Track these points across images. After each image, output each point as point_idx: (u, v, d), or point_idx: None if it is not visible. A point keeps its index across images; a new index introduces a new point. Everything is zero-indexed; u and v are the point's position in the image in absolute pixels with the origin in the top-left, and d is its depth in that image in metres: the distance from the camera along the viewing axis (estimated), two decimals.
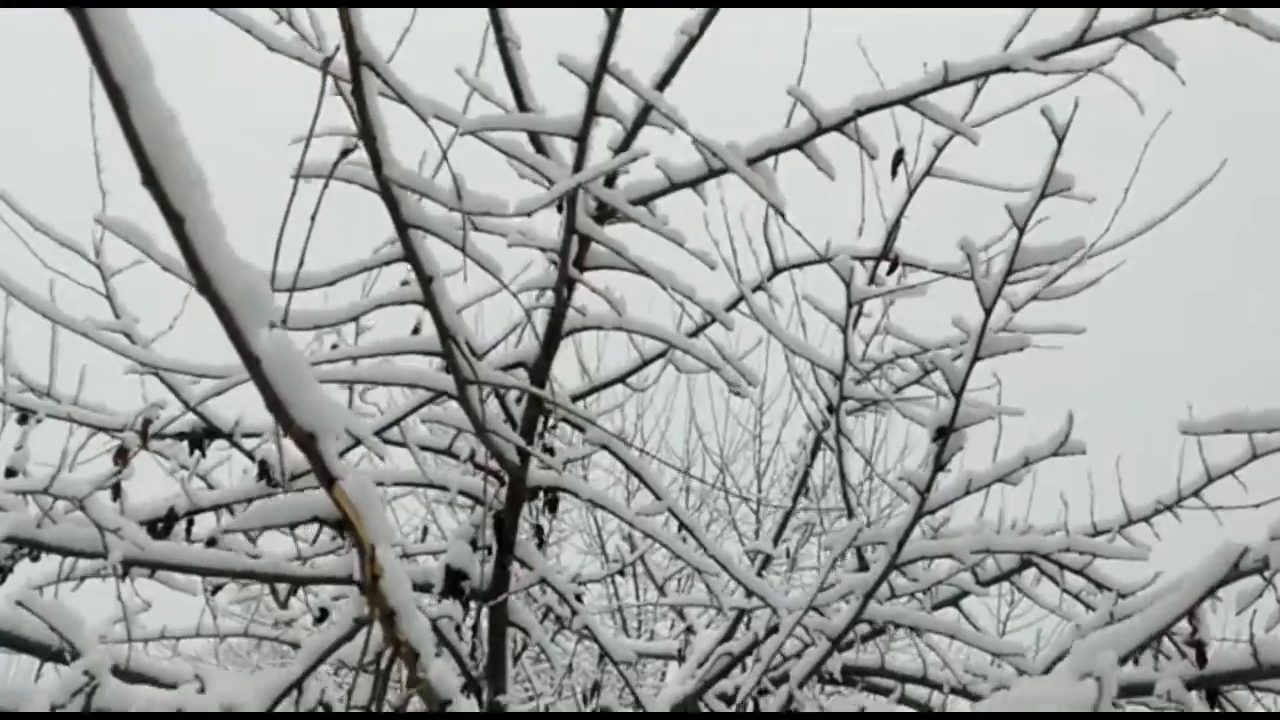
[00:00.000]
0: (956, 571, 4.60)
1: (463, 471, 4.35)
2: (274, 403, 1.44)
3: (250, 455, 4.41)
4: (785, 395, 10.23)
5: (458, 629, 4.79)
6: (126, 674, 3.63)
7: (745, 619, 5.04)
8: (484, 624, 4.39)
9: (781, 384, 9.86)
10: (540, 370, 3.73)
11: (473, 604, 4.17)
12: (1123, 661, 1.87)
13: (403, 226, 2.76)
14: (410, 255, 2.84)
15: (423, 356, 3.78)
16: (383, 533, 1.74)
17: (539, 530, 5.04)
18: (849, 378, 4.09)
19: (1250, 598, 3.09)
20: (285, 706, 2.12)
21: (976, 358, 3.11)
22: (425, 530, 5.77)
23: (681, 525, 4.04)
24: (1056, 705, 1.63)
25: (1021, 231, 2.97)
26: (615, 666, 4.17)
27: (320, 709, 2.35)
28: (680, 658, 5.70)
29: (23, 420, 4.26)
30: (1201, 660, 3.34)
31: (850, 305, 3.74)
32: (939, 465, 3.26)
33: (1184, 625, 3.44)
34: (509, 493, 3.94)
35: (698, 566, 4.09)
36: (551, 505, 4.99)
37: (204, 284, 1.30)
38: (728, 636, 4.86)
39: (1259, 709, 3.29)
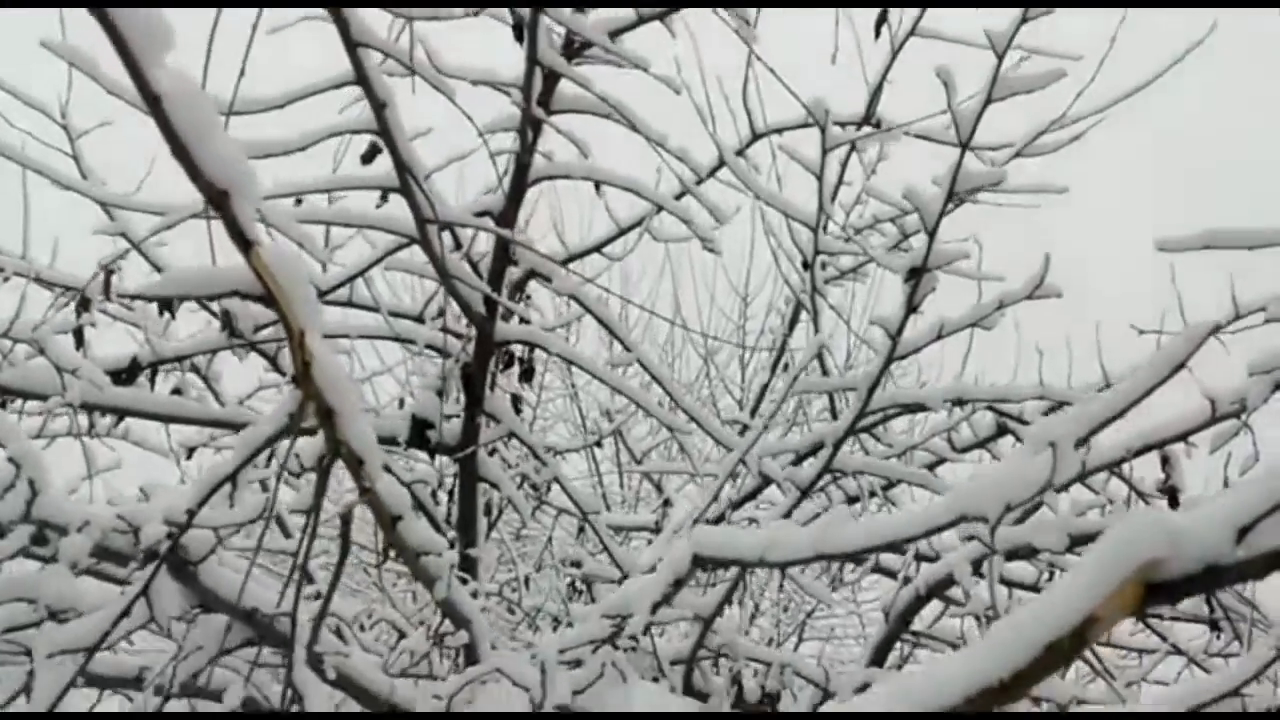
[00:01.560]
0: (931, 435, 4.57)
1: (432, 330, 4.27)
2: (179, 149, 1.36)
3: (218, 315, 4.34)
4: (770, 284, 10.12)
5: (433, 494, 4.76)
6: None
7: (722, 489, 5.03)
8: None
9: (767, 274, 9.75)
10: (507, 219, 3.64)
11: (441, 458, 4.13)
12: (1080, 444, 1.81)
13: (352, 45, 2.64)
14: (361, 78, 2.73)
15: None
16: (312, 316, 1.66)
17: (515, 400, 4.98)
18: (826, 235, 4.00)
19: (1225, 437, 3.05)
20: (219, 503, 2.08)
21: (952, 193, 3.03)
22: (402, 402, 5.71)
23: (652, 378, 3.98)
24: (1010, 481, 1.58)
25: (1001, 58, 2.87)
26: (587, 521, 4.14)
27: (265, 512, 2.29)
28: (658, 529, 5.70)
29: None
30: (1174, 506, 3.31)
31: (825, 151, 3.64)
32: (911, 308, 3.19)
33: (1157, 473, 3.41)
34: (477, 346, 3.87)
35: (668, 424, 4.05)
36: (526, 375, 4.93)
37: None
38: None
39: None
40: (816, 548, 1.93)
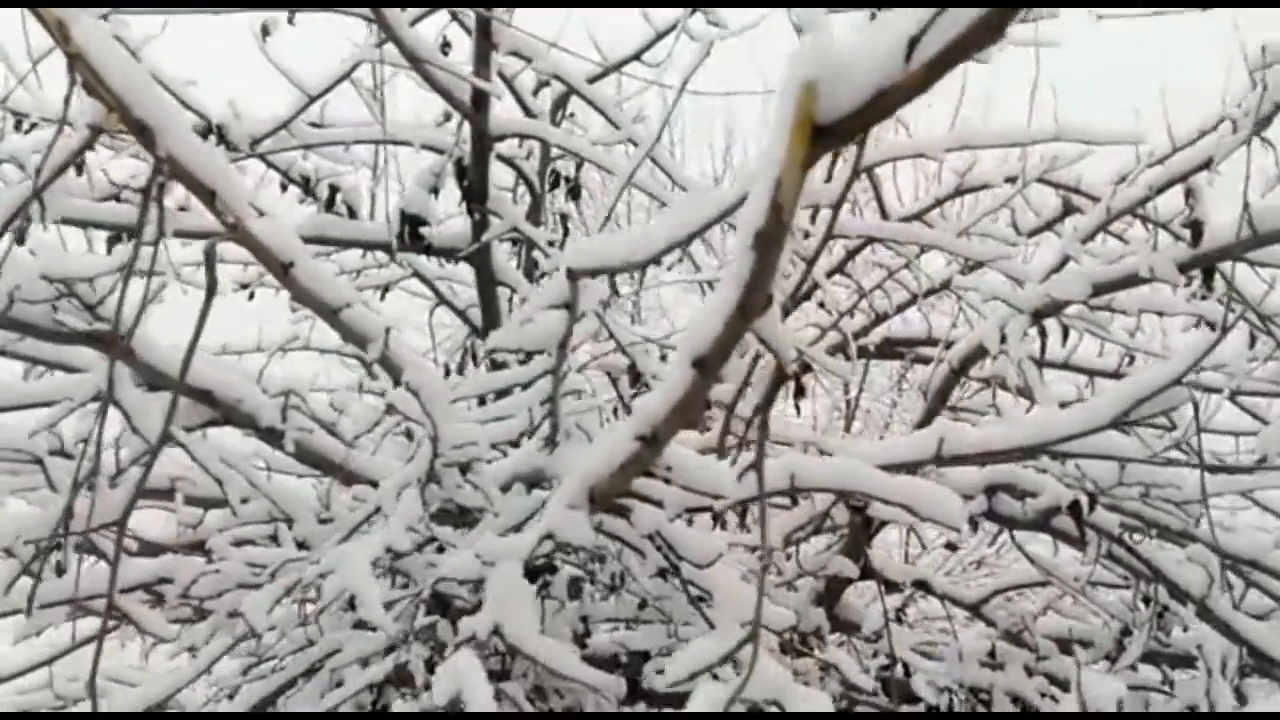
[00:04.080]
0: (982, 216, 4.31)
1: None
2: None
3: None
4: None
5: None
6: None
7: None
8: None
9: None
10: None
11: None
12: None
13: None
14: None
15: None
16: None
17: (564, 218, 4.87)
18: None
19: (1230, 148, 2.76)
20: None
21: None
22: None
23: (653, 161, 3.82)
24: None
25: None
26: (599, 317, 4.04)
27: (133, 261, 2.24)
28: None
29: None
30: (1197, 240, 3.03)
31: None
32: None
33: (1180, 205, 3.13)
34: (472, 140, 3.75)
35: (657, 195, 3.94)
36: (574, 192, 4.82)
37: None
38: None
39: (1255, 282, 2.98)
40: (672, 236, 1.79)
